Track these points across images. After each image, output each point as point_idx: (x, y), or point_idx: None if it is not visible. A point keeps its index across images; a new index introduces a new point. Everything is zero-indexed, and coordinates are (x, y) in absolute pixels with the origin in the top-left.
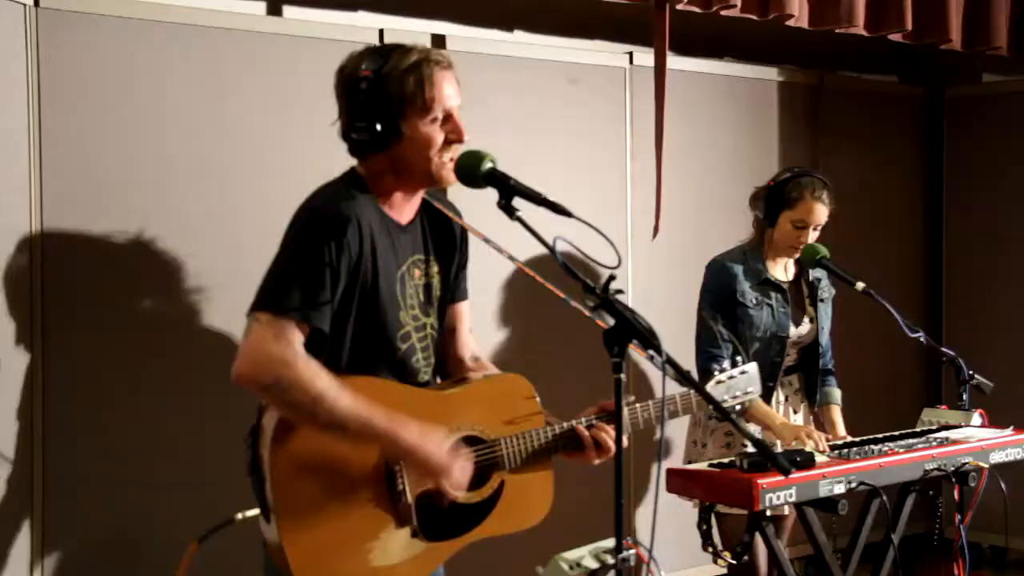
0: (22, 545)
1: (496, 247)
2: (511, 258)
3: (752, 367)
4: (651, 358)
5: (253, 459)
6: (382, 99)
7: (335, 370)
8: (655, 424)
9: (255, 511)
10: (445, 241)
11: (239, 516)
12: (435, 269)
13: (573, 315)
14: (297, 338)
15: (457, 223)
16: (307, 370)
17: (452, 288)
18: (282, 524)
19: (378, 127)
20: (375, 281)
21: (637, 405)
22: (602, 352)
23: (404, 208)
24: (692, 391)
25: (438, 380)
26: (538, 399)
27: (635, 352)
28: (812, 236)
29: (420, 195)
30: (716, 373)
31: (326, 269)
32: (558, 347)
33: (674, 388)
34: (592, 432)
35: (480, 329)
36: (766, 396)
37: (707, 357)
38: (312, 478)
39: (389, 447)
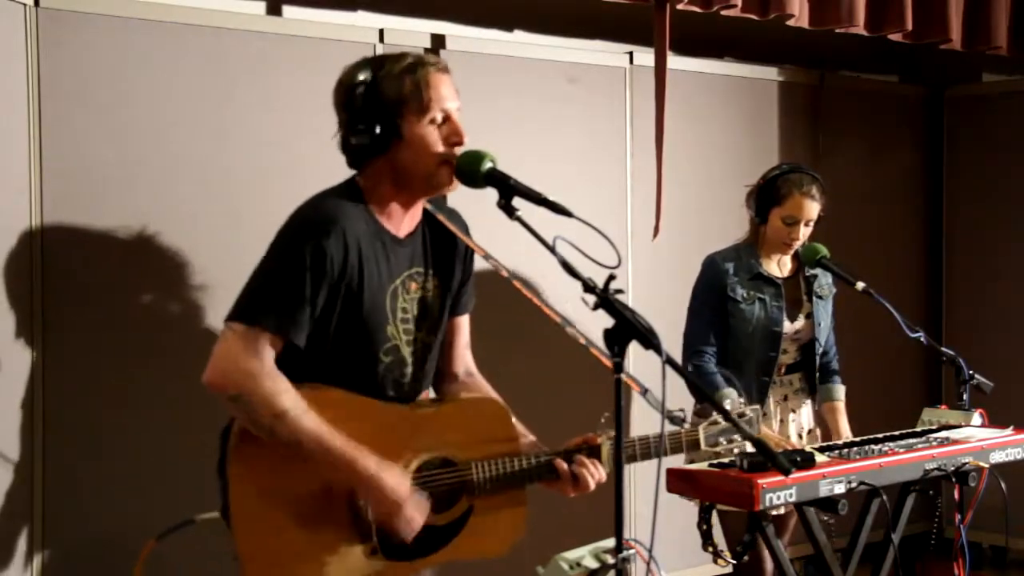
0: (22, 542)
1: (496, 264)
2: (510, 276)
3: (753, 412)
4: (644, 392)
5: (221, 460)
6: (380, 102)
7: (312, 379)
8: (639, 460)
9: (216, 513)
10: (447, 254)
11: (200, 517)
12: (433, 283)
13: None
14: (268, 351)
15: (460, 237)
16: (273, 386)
17: (453, 302)
18: (238, 530)
19: (377, 129)
20: (360, 293)
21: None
22: (597, 364)
23: (403, 220)
24: (682, 431)
25: (430, 392)
26: (516, 424)
27: (635, 358)
28: (804, 232)
29: (420, 207)
30: (714, 414)
31: (304, 282)
32: (555, 358)
33: (668, 427)
34: (572, 468)
35: (476, 338)
36: (761, 391)
37: (692, 352)
38: (273, 487)
39: (344, 474)
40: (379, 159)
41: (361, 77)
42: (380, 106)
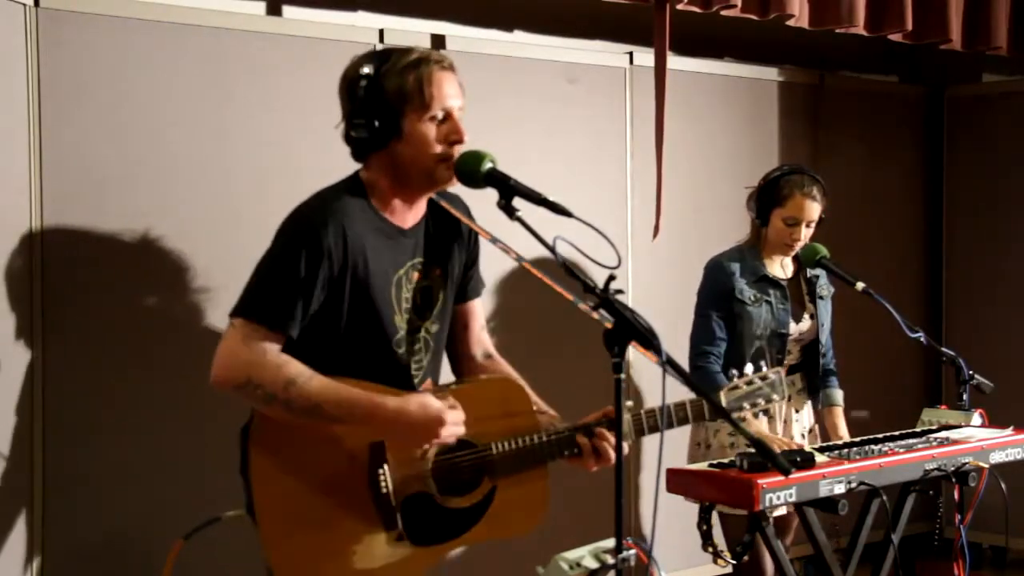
0: (20, 544)
1: (504, 247)
2: (518, 259)
3: (776, 374)
4: (662, 363)
5: (243, 458)
6: (381, 96)
7: (324, 372)
8: (663, 429)
9: (241, 510)
10: (451, 241)
11: (226, 514)
12: (435, 272)
13: (579, 314)
14: (269, 345)
15: (464, 222)
16: (275, 362)
17: (461, 287)
18: (264, 525)
19: (377, 123)
20: (366, 286)
21: (643, 411)
22: (602, 351)
23: (406, 213)
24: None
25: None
26: (534, 402)
27: (640, 353)
28: (806, 232)
29: (424, 200)
30: (735, 378)
31: (300, 276)
32: (564, 345)
33: (686, 394)
34: (593, 441)
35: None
36: None
37: (697, 353)
38: (295, 480)
39: (370, 417)
40: (380, 153)
41: (365, 70)
42: (381, 101)
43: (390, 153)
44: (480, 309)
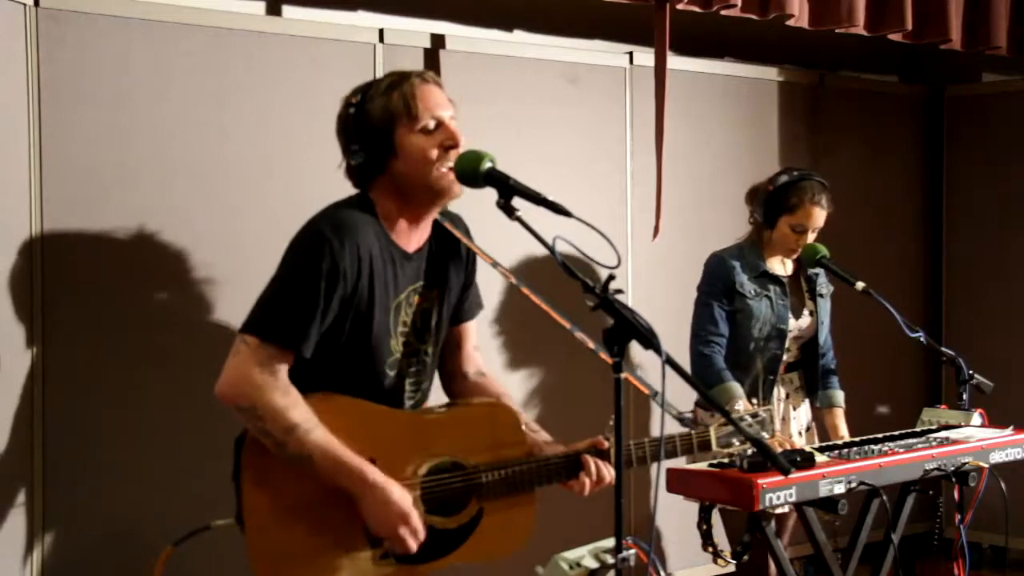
0: (21, 542)
1: (504, 272)
2: (517, 284)
3: (767, 412)
4: (654, 396)
5: (236, 465)
6: (371, 119)
7: (320, 389)
8: (649, 463)
9: (231, 519)
10: (450, 263)
11: (216, 523)
12: (434, 294)
13: (581, 318)
14: (281, 366)
15: (465, 244)
16: (284, 400)
17: (456, 308)
18: (250, 535)
19: (370, 145)
20: (370, 309)
21: (631, 443)
22: (602, 366)
23: (412, 235)
24: (692, 432)
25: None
26: (527, 426)
27: (642, 356)
28: (810, 238)
29: (429, 221)
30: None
31: (318, 297)
32: (565, 349)
33: (674, 428)
34: (582, 472)
35: (483, 341)
36: (766, 391)
37: (700, 341)
38: (284, 493)
39: (353, 487)
40: (381, 177)
41: (352, 101)
42: (371, 124)
43: (390, 174)
44: (474, 329)
